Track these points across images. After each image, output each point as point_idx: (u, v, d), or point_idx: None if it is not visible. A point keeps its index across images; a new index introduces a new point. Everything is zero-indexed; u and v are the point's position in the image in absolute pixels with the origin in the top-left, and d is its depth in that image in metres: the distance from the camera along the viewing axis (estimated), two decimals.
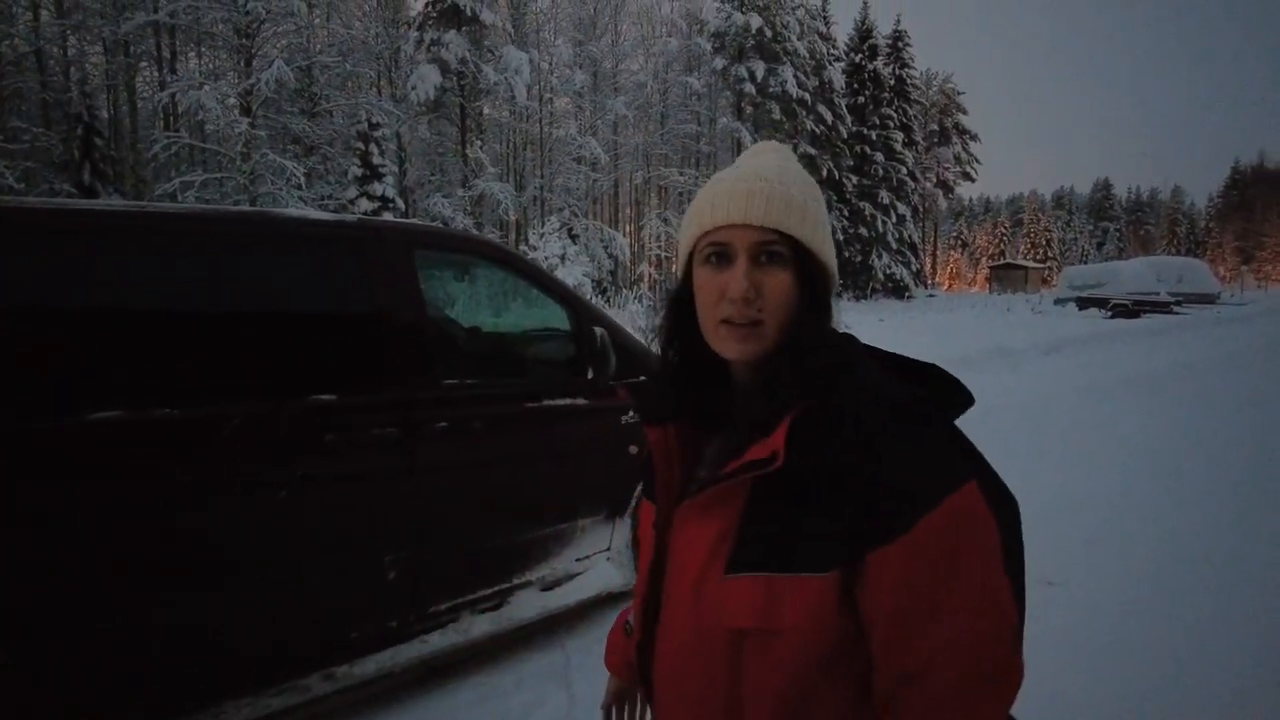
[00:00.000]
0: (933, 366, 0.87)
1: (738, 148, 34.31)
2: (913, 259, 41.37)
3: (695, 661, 0.81)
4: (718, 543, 0.79)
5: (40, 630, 1.90)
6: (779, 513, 0.76)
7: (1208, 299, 28.75)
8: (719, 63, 32.63)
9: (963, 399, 0.84)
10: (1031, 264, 64.80)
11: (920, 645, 0.71)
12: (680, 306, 0.89)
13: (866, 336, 0.95)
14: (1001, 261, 70.77)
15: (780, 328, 0.81)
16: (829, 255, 0.85)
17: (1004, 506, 0.79)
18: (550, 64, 30.52)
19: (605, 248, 27.50)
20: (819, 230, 0.83)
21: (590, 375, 3.13)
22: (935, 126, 53.05)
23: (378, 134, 21.33)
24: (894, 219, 38.85)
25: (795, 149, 36.01)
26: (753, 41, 32.75)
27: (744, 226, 0.80)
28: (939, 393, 0.83)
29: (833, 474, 0.74)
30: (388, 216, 17.63)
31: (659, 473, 0.89)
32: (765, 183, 0.82)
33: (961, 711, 0.71)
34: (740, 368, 0.86)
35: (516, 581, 2.96)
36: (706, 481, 0.81)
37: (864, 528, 0.71)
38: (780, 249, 0.81)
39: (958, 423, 0.82)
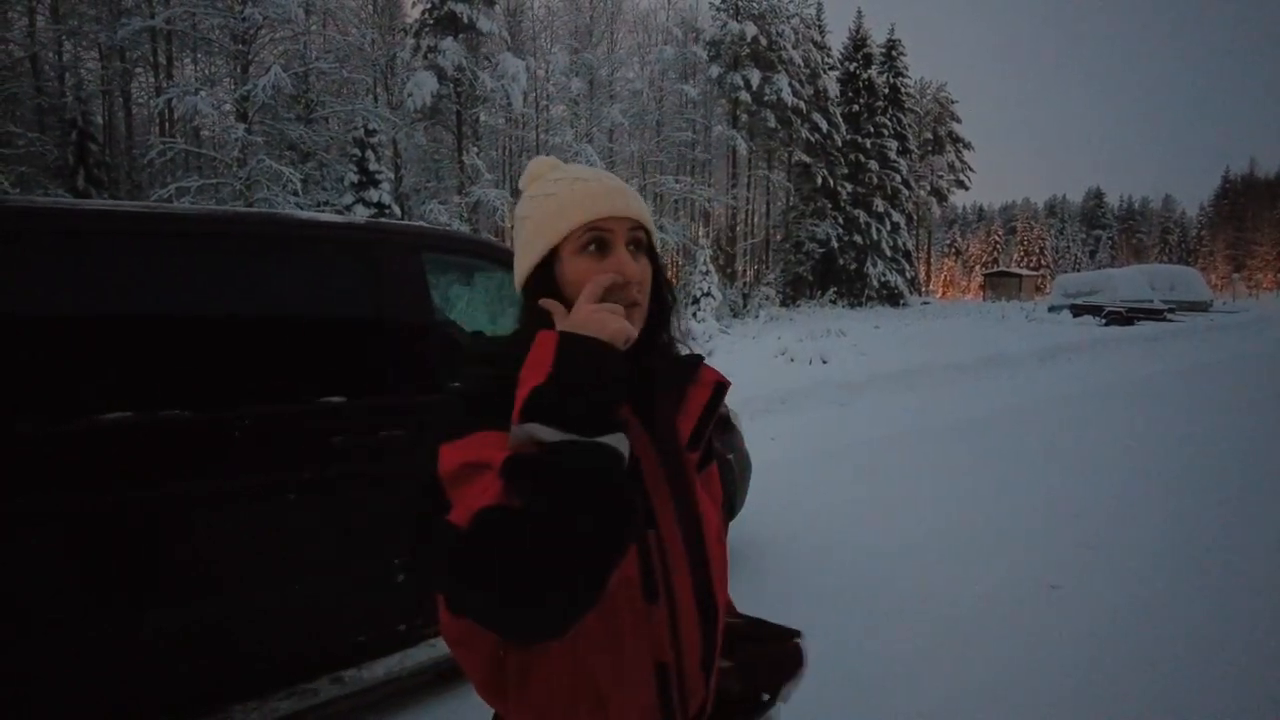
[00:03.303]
0: None
1: (733, 155, 34.42)
2: (907, 267, 41.49)
3: (719, 545, 1.00)
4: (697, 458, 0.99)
5: (50, 632, 1.89)
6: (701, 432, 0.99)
7: (1200, 307, 28.90)
8: (714, 71, 32.73)
9: None
10: (1025, 272, 65.03)
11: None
12: (536, 302, 0.91)
13: (863, 343, 1.03)
14: (995, 269, 71.02)
15: (647, 308, 0.92)
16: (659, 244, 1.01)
17: None
18: (546, 71, 30.59)
19: None
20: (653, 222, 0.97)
21: None
22: (929, 135, 53.27)
23: (374, 140, 21.32)
24: (888, 227, 38.97)
25: (790, 157, 36.28)
26: (748, 50, 32.87)
27: (623, 218, 0.89)
28: None
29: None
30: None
31: (644, 455, 0.92)
32: (619, 181, 0.93)
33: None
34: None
35: None
36: (703, 421, 0.98)
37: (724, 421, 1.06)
38: (643, 238, 0.91)
39: None
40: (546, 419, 0.73)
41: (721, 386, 1.01)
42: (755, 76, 32.52)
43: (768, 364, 12.33)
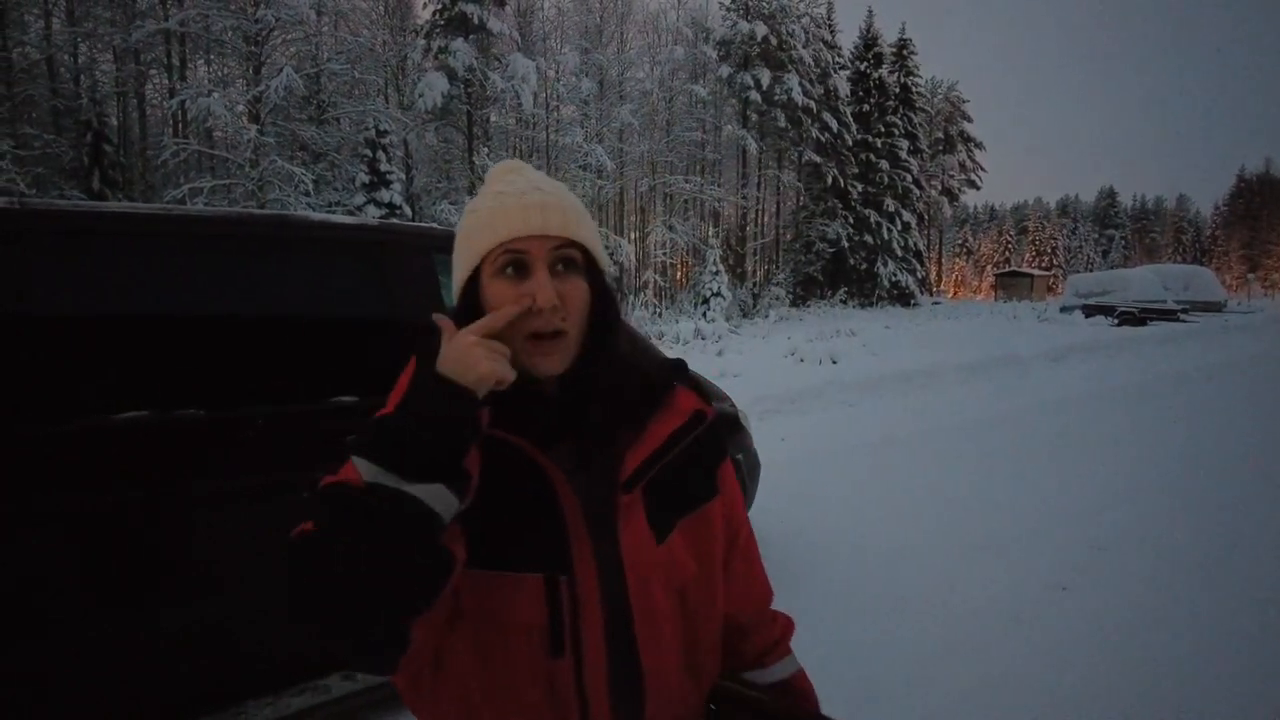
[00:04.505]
0: None
1: (743, 155, 34.36)
2: (918, 266, 41.29)
3: (663, 600, 0.88)
4: (644, 523, 0.86)
5: (65, 630, 1.92)
6: (675, 472, 0.90)
7: (1214, 307, 28.67)
8: (724, 71, 32.68)
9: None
10: (1037, 272, 64.60)
11: (746, 527, 1.03)
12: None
13: (873, 343, 1.01)
14: (1007, 269, 70.60)
15: (580, 334, 0.84)
16: (605, 259, 0.89)
17: None
18: (557, 72, 30.62)
19: (611, 254, 27.55)
20: (596, 235, 0.87)
21: None
22: (940, 134, 53.02)
23: (385, 141, 21.42)
24: (899, 226, 38.79)
25: (801, 156, 36.18)
26: (758, 50, 32.81)
27: (541, 237, 0.81)
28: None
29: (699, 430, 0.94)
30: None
31: (563, 494, 0.82)
32: (550, 195, 0.83)
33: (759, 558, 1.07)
34: (549, 382, 0.84)
35: None
36: (645, 470, 0.87)
37: (722, 449, 0.99)
38: (575, 256, 0.83)
39: None
40: (367, 453, 0.71)
41: (699, 416, 0.93)
42: (765, 76, 32.44)
43: (777, 364, 12.32)
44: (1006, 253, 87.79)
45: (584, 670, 0.81)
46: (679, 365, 1.00)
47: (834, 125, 35.49)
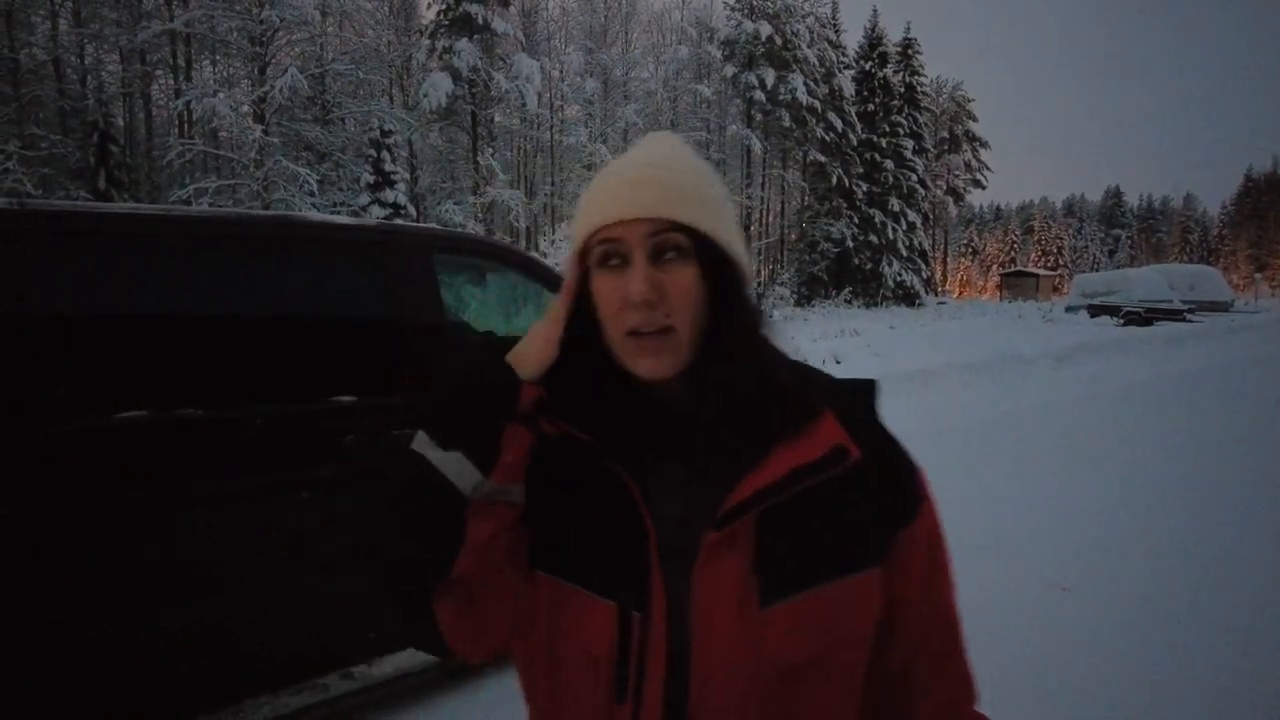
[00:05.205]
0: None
1: (748, 155, 34.37)
2: (923, 266, 41.25)
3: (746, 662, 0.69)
4: (745, 575, 0.69)
5: (64, 628, 1.93)
6: (804, 522, 0.70)
7: (1221, 307, 28.56)
8: (729, 70, 32.70)
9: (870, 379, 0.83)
10: (1042, 271, 64.51)
11: (940, 603, 0.78)
12: (580, 322, 0.75)
13: (877, 343, 0.95)
14: (1012, 269, 70.49)
15: (692, 332, 0.71)
16: (737, 248, 0.74)
17: None
18: (561, 72, 30.69)
19: None
20: (722, 219, 0.73)
21: None
22: (945, 134, 52.96)
23: (390, 141, 21.50)
24: (904, 226, 38.76)
25: (805, 156, 36.17)
26: (763, 49, 32.81)
27: (635, 221, 0.70)
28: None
29: (868, 459, 0.72)
30: (400, 222, 17.73)
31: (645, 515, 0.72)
32: (653, 169, 0.72)
33: (962, 649, 0.80)
34: (670, 383, 0.73)
35: None
36: (748, 506, 0.69)
37: (896, 508, 0.74)
38: (680, 241, 0.70)
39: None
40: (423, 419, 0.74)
41: (837, 454, 0.71)
42: (770, 76, 32.45)
43: None
44: (1012, 252, 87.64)
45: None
46: (858, 387, 0.80)
47: (839, 125, 35.48)
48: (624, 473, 0.72)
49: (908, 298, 38.25)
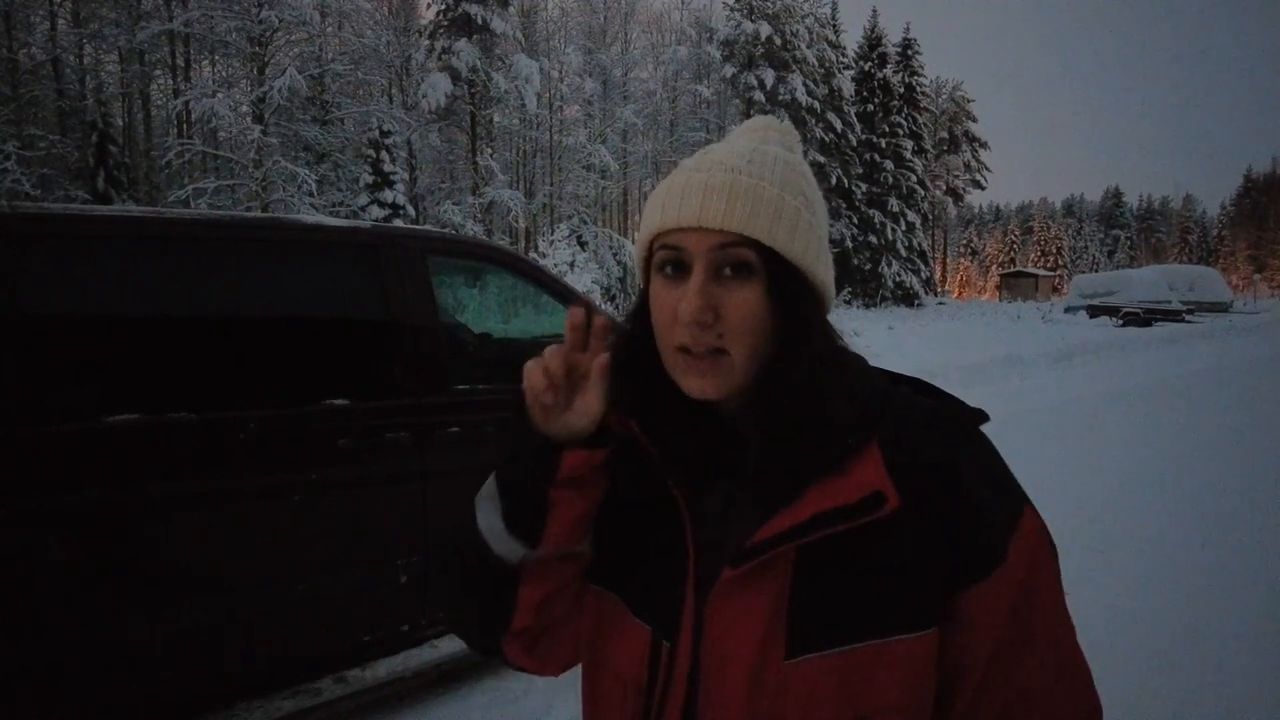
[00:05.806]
0: (919, 380, 0.77)
1: None
2: (922, 267, 41.27)
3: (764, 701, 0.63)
4: (771, 619, 0.63)
5: (55, 631, 1.92)
6: (843, 570, 0.62)
7: (1220, 308, 28.57)
8: (728, 71, 32.71)
9: (976, 410, 0.73)
10: (1042, 272, 64.54)
11: (1019, 680, 0.64)
12: (641, 324, 0.70)
13: (876, 344, 0.91)
14: (1012, 269, 70.51)
15: (749, 355, 0.64)
16: (816, 267, 0.67)
17: None
18: (560, 72, 30.67)
19: (614, 255, 27.53)
20: (800, 235, 0.65)
21: None
22: (945, 134, 52.97)
23: (389, 141, 21.48)
24: (903, 227, 38.78)
25: (805, 157, 35.96)
26: (762, 49, 32.82)
27: (699, 230, 0.63)
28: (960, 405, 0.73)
29: (921, 507, 0.62)
30: (398, 223, 17.76)
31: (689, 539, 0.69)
32: (731, 174, 0.64)
33: None
34: (730, 401, 0.68)
35: None
36: (771, 542, 0.62)
37: (958, 564, 0.62)
38: (748, 258, 0.63)
39: None
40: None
41: (873, 500, 0.61)
42: (769, 76, 32.45)
43: None
44: (1011, 253, 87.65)
45: None
46: (949, 423, 0.71)
47: (838, 125, 35.49)
48: (680, 495, 0.68)
49: (907, 298, 38.26)
